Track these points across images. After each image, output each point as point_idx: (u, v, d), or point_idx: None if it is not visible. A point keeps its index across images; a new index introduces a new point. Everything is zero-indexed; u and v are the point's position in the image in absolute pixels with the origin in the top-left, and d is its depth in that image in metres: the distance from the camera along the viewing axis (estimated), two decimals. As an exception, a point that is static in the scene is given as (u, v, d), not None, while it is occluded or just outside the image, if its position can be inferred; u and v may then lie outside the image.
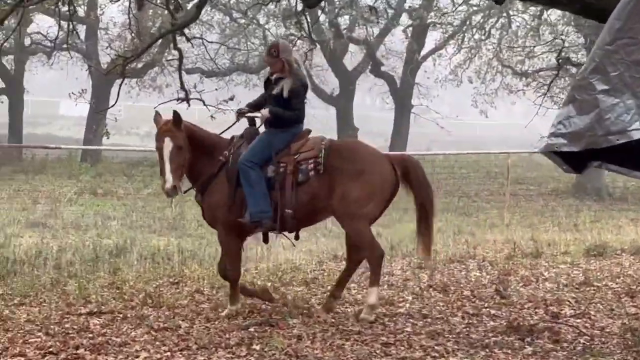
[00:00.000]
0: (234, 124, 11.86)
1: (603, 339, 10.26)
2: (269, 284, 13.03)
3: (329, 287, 12.91)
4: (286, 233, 11.78)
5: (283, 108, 11.35)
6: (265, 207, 11.05)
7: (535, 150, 17.91)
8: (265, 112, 11.31)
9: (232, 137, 11.61)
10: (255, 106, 11.75)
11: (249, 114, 11.66)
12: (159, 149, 10.92)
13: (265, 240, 11.99)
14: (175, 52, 14.89)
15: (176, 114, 11.02)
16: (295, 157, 11.29)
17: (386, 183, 11.54)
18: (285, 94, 11.28)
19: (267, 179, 11.14)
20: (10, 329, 10.24)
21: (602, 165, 6.73)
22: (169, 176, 10.79)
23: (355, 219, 11.40)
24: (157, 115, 11.27)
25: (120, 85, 15.09)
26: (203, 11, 19.47)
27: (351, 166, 11.34)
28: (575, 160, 6.60)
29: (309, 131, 11.70)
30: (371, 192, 11.46)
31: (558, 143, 6.40)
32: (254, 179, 11.04)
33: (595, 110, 6.29)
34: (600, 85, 6.28)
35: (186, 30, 15.01)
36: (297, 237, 11.94)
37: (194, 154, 11.20)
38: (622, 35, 6.27)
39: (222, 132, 11.93)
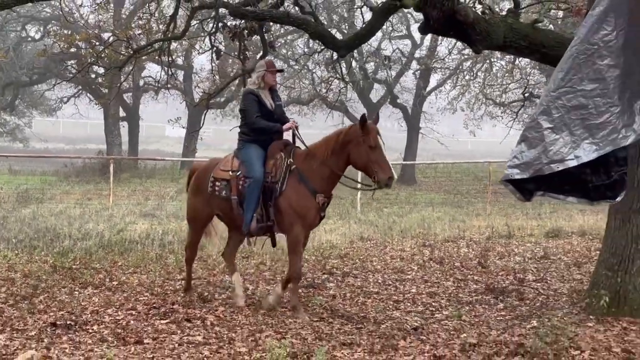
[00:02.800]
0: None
1: (556, 298, 10.24)
2: (314, 257, 13.10)
3: (357, 260, 12.96)
4: None
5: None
6: None
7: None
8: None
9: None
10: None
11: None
12: (379, 146, 8.82)
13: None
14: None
15: (377, 117, 9.27)
16: None
17: None
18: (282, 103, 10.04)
19: None
20: (125, 290, 10.32)
21: (545, 194, 6.68)
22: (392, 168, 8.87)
23: None
24: (365, 116, 8.96)
25: (204, 114, 15.19)
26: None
27: None
28: (525, 190, 6.57)
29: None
30: None
31: (513, 172, 6.38)
32: None
33: (541, 144, 6.26)
34: (546, 124, 6.23)
35: (254, 74, 15.03)
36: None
37: None
38: (563, 84, 6.23)
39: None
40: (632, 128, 6.34)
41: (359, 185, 10.21)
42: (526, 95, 25.48)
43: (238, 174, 9.39)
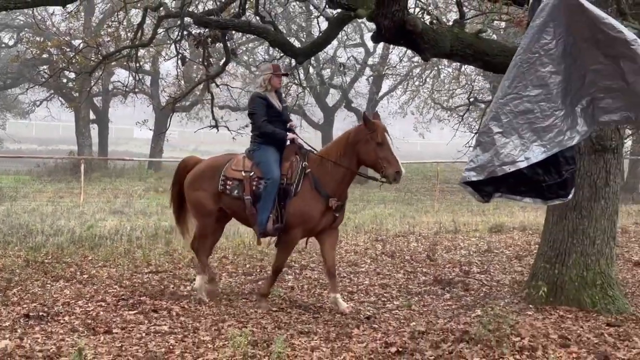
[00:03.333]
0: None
1: (498, 288, 10.31)
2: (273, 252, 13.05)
3: (314, 254, 12.93)
4: None
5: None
6: None
7: (456, 160, 18.04)
8: None
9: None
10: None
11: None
12: (387, 142, 8.65)
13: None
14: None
15: (377, 114, 9.06)
16: None
17: None
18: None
19: None
20: (95, 283, 10.22)
21: (503, 195, 6.73)
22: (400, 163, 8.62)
23: None
24: (366, 114, 8.98)
25: (170, 117, 15.21)
26: (229, 66, 19.50)
27: None
28: (484, 192, 6.61)
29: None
30: None
31: (469, 175, 6.44)
32: None
33: (493, 148, 6.31)
34: (496, 129, 6.28)
35: (218, 80, 14.95)
36: None
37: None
38: (510, 91, 6.28)
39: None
40: (576, 130, 6.43)
41: (367, 178, 9.88)
42: (471, 100, 25.54)
43: (251, 174, 9.03)
